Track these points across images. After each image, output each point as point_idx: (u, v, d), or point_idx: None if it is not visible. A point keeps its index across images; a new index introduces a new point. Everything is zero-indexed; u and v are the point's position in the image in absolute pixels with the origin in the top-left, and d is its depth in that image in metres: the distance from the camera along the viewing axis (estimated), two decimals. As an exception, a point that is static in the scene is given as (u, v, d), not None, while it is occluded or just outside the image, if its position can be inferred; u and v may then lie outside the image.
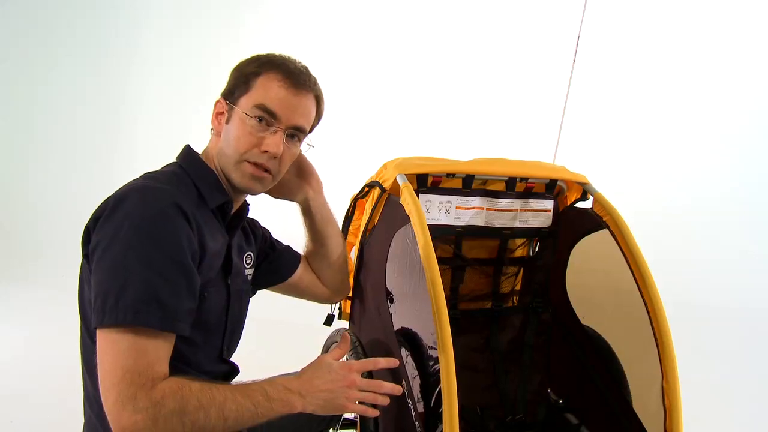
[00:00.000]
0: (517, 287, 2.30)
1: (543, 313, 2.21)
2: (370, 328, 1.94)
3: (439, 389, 1.36)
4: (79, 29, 6.04)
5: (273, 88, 1.29)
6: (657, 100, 5.31)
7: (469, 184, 1.98)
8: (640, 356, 1.78)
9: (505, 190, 2.04)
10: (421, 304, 1.61)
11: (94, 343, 1.09)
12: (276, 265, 1.68)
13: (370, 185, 1.93)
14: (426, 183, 1.92)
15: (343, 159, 4.47)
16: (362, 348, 1.79)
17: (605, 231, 1.87)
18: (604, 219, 1.90)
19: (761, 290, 4.74)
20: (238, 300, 1.42)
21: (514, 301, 2.30)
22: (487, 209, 2.04)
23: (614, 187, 2.52)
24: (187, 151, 1.37)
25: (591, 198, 1.99)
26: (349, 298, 2.15)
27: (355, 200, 2.04)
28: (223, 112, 1.34)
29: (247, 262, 1.51)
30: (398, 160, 1.89)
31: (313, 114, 1.38)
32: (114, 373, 0.99)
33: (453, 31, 5.48)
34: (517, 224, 2.11)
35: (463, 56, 5.44)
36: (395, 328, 1.85)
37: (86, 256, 1.14)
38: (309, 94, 1.34)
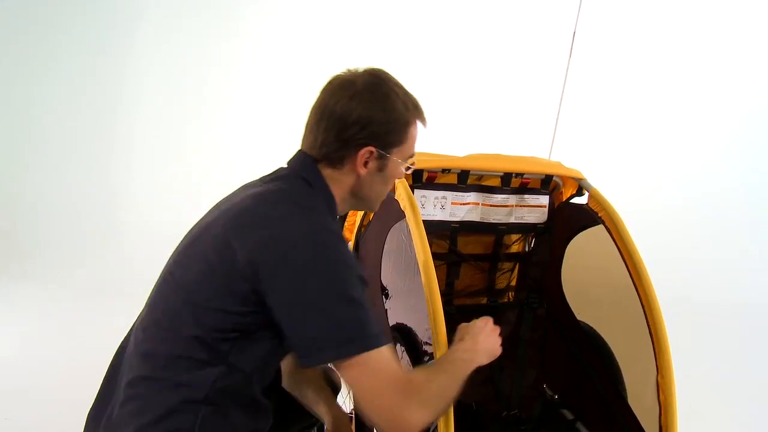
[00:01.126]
0: (513, 283, 2.30)
1: (538, 309, 2.21)
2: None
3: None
4: (75, 28, 6.02)
5: (416, 134, 1.39)
6: (654, 96, 5.30)
7: (464, 180, 1.98)
8: (635, 351, 1.79)
9: (500, 185, 2.04)
10: (416, 299, 1.61)
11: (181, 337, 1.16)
12: None
13: (366, 181, 1.93)
14: (421, 178, 1.92)
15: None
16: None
17: (600, 227, 1.88)
18: (599, 214, 1.90)
19: (759, 287, 4.74)
20: None
21: (510, 296, 2.30)
22: (482, 205, 2.04)
23: (610, 183, 2.51)
24: (315, 170, 1.31)
25: (586, 194, 1.99)
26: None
27: (350, 196, 2.04)
28: (370, 159, 1.30)
29: None
30: (393, 155, 1.89)
31: None
32: (382, 390, 1.11)
33: (448, 27, 5.47)
34: (512, 220, 2.10)
35: (459, 51, 5.43)
36: (390, 324, 1.85)
37: (243, 278, 1.13)
38: None
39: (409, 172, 1.42)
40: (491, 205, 2.06)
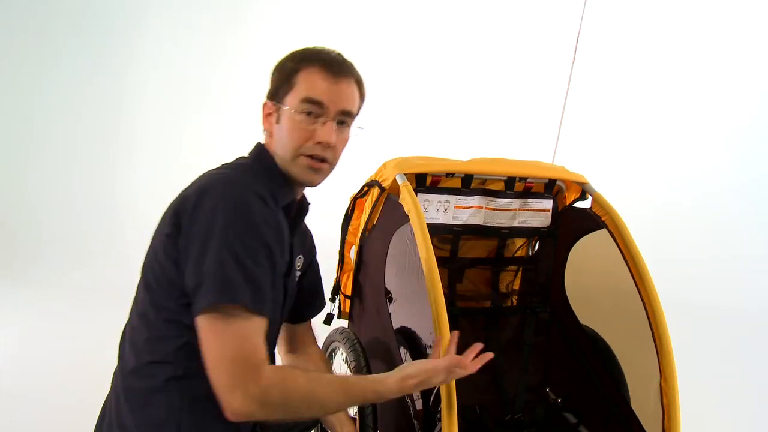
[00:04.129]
0: (516, 287, 2.30)
1: (542, 313, 2.21)
2: (369, 328, 1.95)
3: (438, 388, 1.36)
4: (79, 27, 6.03)
5: (316, 80, 1.32)
6: (656, 100, 5.31)
7: (468, 184, 1.98)
8: (638, 355, 1.79)
9: (504, 189, 2.05)
10: (420, 303, 1.62)
11: (163, 320, 1.19)
12: (302, 302, 1.62)
13: (370, 185, 1.94)
14: (425, 182, 1.92)
15: (343, 158, 4.46)
16: (361, 347, 1.79)
17: (604, 231, 1.88)
18: (602, 219, 1.90)
19: (762, 290, 4.73)
20: (291, 300, 1.46)
21: (513, 300, 2.30)
22: (486, 208, 2.05)
23: (613, 187, 2.52)
24: (260, 149, 1.40)
25: (590, 198, 2.00)
26: (348, 297, 2.16)
27: (354, 200, 2.05)
28: (271, 113, 1.37)
29: (298, 265, 1.52)
30: (397, 159, 1.90)
31: (357, 97, 1.41)
32: (225, 358, 1.07)
33: (452, 31, 5.48)
34: (515, 224, 2.11)
35: (463, 55, 5.44)
36: (394, 327, 1.86)
37: (169, 235, 1.17)
38: (350, 78, 1.38)
39: (300, 117, 1.33)
40: (495, 209, 2.06)
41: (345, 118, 1.36)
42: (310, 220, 1.56)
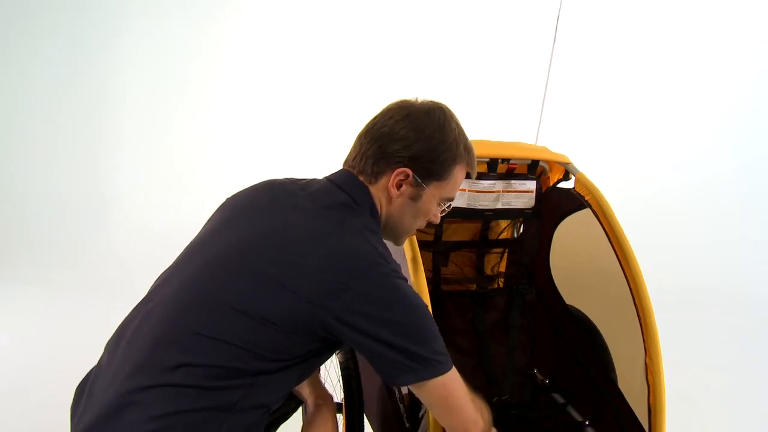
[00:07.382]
0: (502, 269, 2.30)
1: (528, 294, 2.22)
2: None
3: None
4: (59, 23, 5.94)
5: (460, 180, 1.34)
6: (639, 80, 5.32)
7: (450, 166, 1.97)
8: (624, 334, 1.79)
9: (487, 171, 2.04)
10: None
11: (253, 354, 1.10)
12: None
13: (351, 169, 1.92)
14: (407, 166, 1.90)
15: (326, 141, 4.45)
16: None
17: (588, 210, 1.88)
18: (586, 198, 1.90)
19: (750, 273, 4.75)
20: None
21: (500, 282, 2.30)
22: (469, 191, 2.04)
23: (596, 166, 2.52)
24: (372, 204, 1.28)
25: (573, 178, 1.99)
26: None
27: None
28: (406, 184, 1.26)
29: None
30: (379, 143, 1.88)
31: None
32: (469, 412, 1.19)
33: (433, 14, 5.45)
34: (499, 206, 2.10)
35: (444, 38, 5.42)
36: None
37: (328, 307, 1.09)
38: None
39: (441, 214, 1.38)
40: (478, 191, 2.05)
41: None
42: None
